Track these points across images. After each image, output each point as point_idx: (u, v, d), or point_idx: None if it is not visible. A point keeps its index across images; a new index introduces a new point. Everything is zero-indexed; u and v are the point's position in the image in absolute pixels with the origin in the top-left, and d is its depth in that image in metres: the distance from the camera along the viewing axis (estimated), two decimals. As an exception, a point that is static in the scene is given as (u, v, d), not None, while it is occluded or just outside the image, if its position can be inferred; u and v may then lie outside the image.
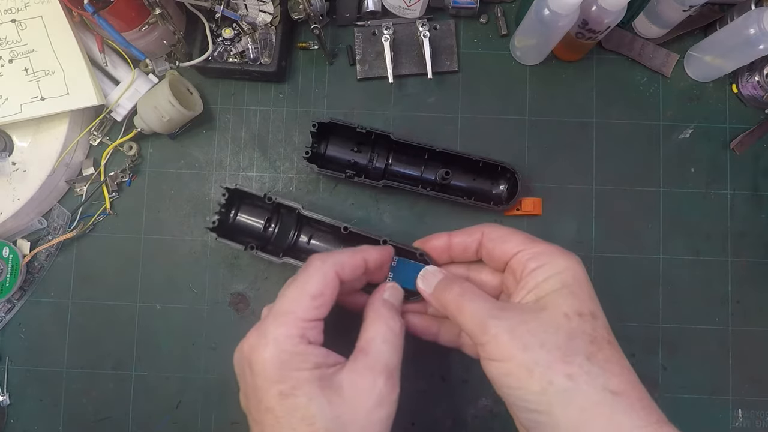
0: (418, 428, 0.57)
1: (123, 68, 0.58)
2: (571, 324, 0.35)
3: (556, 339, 0.34)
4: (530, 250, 0.39)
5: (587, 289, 0.37)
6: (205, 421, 0.58)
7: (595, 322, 0.36)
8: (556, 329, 0.35)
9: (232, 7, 0.56)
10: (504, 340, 0.35)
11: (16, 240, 0.58)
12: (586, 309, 0.36)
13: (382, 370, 0.37)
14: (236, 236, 0.54)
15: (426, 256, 0.47)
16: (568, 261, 0.38)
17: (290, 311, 0.37)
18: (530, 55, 0.60)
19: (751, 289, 0.58)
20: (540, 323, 0.35)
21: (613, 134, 0.60)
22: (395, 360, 0.38)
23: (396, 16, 0.60)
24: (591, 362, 0.34)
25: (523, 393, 0.34)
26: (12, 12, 0.55)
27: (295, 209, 0.53)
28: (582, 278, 0.37)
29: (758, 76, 0.57)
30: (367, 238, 0.51)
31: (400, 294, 0.44)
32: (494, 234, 0.42)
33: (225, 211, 0.55)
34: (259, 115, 0.60)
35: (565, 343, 0.34)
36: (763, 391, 0.57)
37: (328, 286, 0.38)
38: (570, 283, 0.37)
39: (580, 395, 0.33)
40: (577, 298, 0.36)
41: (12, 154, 0.57)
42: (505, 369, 0.34)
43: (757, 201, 0.59)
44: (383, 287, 0.43)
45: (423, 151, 0.56)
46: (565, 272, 0.37)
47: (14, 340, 0.59)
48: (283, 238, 0.56)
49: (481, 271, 0.45)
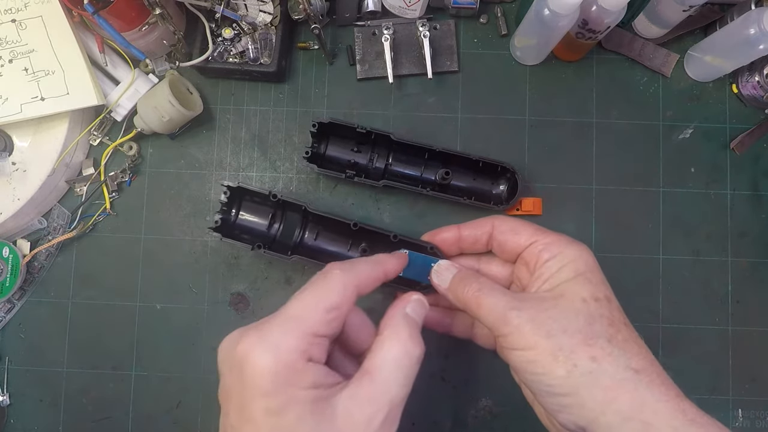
0: (418, 429, 0.57)
1: (123, 68, 0.58)
2: (589, 308, 0.36)
3: (577, 324, 0.35)
4: (542, 241, 0.40)
5: (599, 275, 0.39)
6: (205, 421, 0.57)
7: (610, 305, 0.37)
8: (576, 314, 0.36)
9: (232, 7, 0.56)
10: (527, 329, 0.36)
11: (16, 240, 0.58)
12: (601, 293, 0.37)
13: (386, 404, 0.32)
14: (239, 235, 0.54)
15: (436, 250, 0.47)
16: (580, 250, 0.39)
17: (300, 318, 0.33)
18: (530, 55, 0.60)
19: (751, 289, 0.58)
20: (560, 310, 0.36)
21: (613, 134, 0.60)
22: (404, 392, 0.34)
23: (396, 16, 0.60)
24: (612, 344, 0.35)
25: (549, 378, 0.35)
26: (12, 12, 0.55)
27: (301, 206, 0.53)
28: (593, 265, 0.39)
29: (758, 76, 0.57)
30: (376, 233, 0.51)
31: (424, 309, 0.39)
32: (505, 226, 0.43)
33: (227, 210, 0.55)
34: (259, 115, 0.60)
35: (586, 327, 0.35)
36: (763, 391, 0.57)
37: (346, 302, 0.34)
38: (583, 270, 0.38)
39: (604, 375, 0.34)
40: (591, 283, 0.37)
41: (12, 154, 0.57)
42: (530, 357, 0.35)
43: (757, 201, 0.59)
44: (407, 299, 0.38)
45: (423, 151, 0.56)
46: (577, 260, 0.38)
47: (14, 340, 0.59)
48: (288, 237, 0.56)
49: (491, 262, 0.46)
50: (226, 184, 0.53)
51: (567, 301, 0.37)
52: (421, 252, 0.46)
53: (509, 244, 0.42)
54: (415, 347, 0.35)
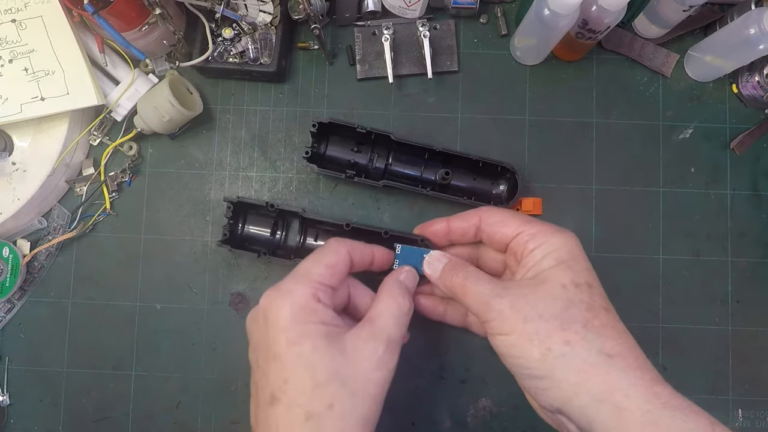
0: (417, 428, 0.57)
1: (123, 68, 0.58)
2: (568, 294, 0.38)
3: (554, 309, 0.37)
4: (528, 231, 0.42)
5: (583, 262, 0.40)
6: (205, 421, 0.58)
7: (591, 291, 0.38)
8: (553, 300, 0.37)
9: (232, 7, 0.56)
10: (507, 314, 0.37)
11: (16, 240, 0.58)
12: (582, 279, 0.39)
13: (385, 339, 0.39)
14: (246, 245, 0.56)
15: (427, 242, 0.49)
16: (564, 238, 0.41)
17: (307, 273, 0.40)
18: (530, 55, 0.60)
19: (751, 289, 0.58)
20: (539, 296, 0.38)
21: (613, 134, 0.60)
22: (399, 333, 0.41)
23: (396, 16, 0.60)
24: (587, 328, 0.36)
25: (525, 361, 0.37)
26: (12, 12, 0.55)
27: (298, 213, 0.55)
28: (577, 252, 0.40)
29: (758, 76, 0.57)
30: (368, 231, 0.53)
31: (414, 279, 0.46)
32: (492, 218, 0.45)
33: (233, 223, 0.56)
34: (259, 115, 0.60)
35: (563, 313, 0.37)
36: (763, 391, 0.57)
37: (341, 261, 0.42)
38: (566, 258, 0.39)
39: (576, 359, 0.35)
40: (572, 270, 0.39)
41: (12, 154, 0.57)
42: (510, 341, 0.37)
43: (757, 201, 0.59)
44: (400, 270, 0.46)
45: (423, 151, 0.56)
46: (561, 248, 0.40)
47: (14, 340, 0.59)
48: (291, 240, 0.58)
49: (489, 250, 0.48)
50: (227, 199, 0.55)
51: (547, 287, 0.38)
52: (413, 245, 0.49)
53: (497, 235, 0.44)
54: (405, 302, 0.42)
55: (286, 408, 0.36)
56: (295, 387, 0.36)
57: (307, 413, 0.35)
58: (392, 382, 0.39)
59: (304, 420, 0.35)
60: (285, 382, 0.36)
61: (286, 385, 0.36)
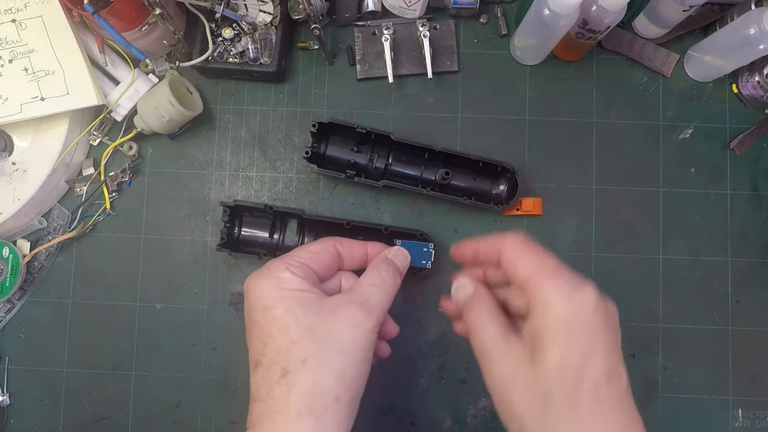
0: (418, 428, 0.57)
1: (123, 68, 0.58)
2: (549, 386, 0.34)
3: (534, 398, 0.35)
4: (535, 288, 0.37)
5: (582, 335, 0.35)
6: (205, 421, 0.58)
7: (581, 373, 0.34)
8: (535, 383, 0.35)
9: (232, 7, 0.56)
10: (497, 379, 0.37)
11: (16, 240, 0.58)
12: (573, 362, 0.34)
13: (362, 302, 0.40)
14: (245, 249, 0.56)
15: (426, 236, 0.50)
16: (567, 308, 0.35)
17: (290, 255, 0.42)
18: (530, 55, 0.60)
19: (751, 289, 0.58)
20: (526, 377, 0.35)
21: (613, 134, 0.60)
22: (378, 300, 0.41)
23: (396, 16, 0.60)
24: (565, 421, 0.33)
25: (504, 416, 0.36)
26: (12, 12, 0.55)
27: (297, 213, 0.55)
28: (577, 326, 0.35)
29: (758, 76, 0.57)
30: (368, 229, 0.53)
31: (404, 258, 0.47)
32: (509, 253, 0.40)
33: (230, 226, 0.56)
34: (259, 115, 0.60)
35: (543, 402, 0.34)
36: (763, 391, 0.57)
37: (325, 250, 0.43)
38: (561, 333, 0.35)
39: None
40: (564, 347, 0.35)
41: (12, 154, 0.57)
42: (495, 395, 0.37)
43: (757, 201, 0.59)
44: (390, 249, 0.46)
45: (423, 151, 0.56)
46: (560, 321, 0.35)
47: (14, 340, 0.59)
48: (290, 241, 0.58)
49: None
50: (223, 203, 0.55)
51: (536, 368, 0.35)
52: (412, 240, 0.50)
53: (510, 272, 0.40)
54: (387, 274, 0.43)
55: (266, 369, 0.37)
56: (272, 348, 0.38)
57: (283, 369, 0.37)
58: (392, 382, 0.39)
59: (281, 377, 0.36)
60: (264, 345, 0.38)
61: (266, 348, 0.38)
